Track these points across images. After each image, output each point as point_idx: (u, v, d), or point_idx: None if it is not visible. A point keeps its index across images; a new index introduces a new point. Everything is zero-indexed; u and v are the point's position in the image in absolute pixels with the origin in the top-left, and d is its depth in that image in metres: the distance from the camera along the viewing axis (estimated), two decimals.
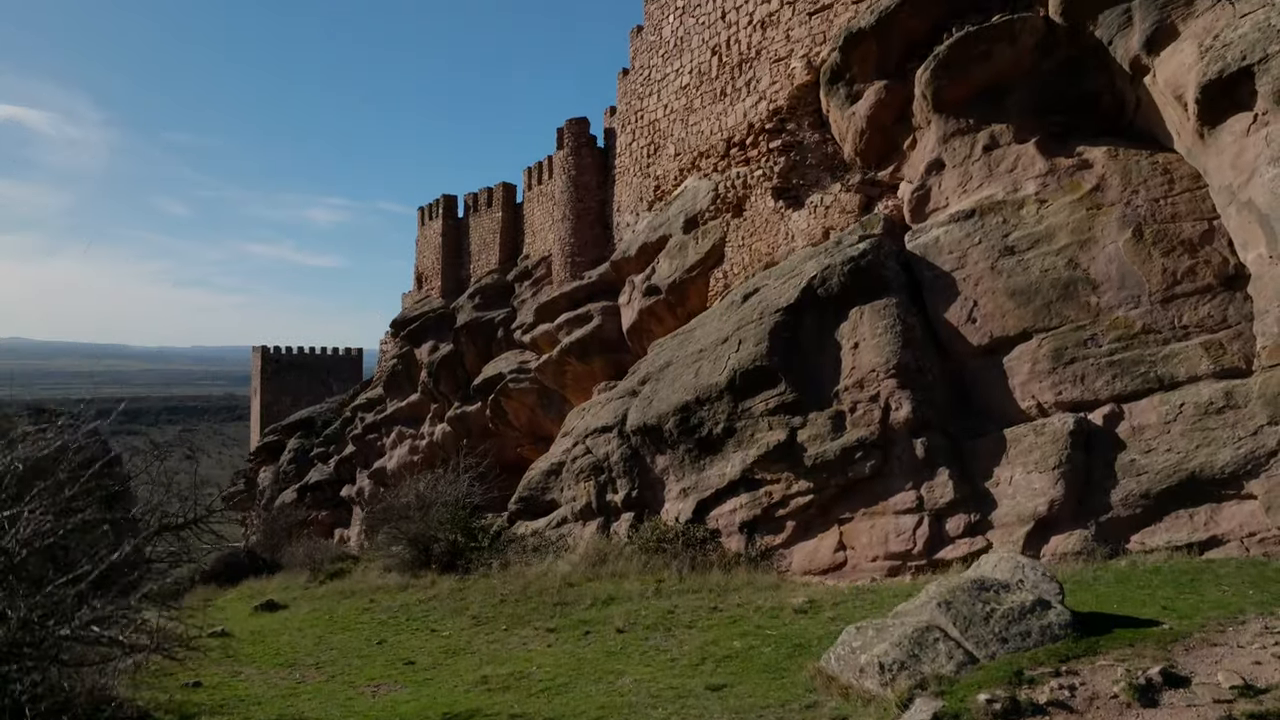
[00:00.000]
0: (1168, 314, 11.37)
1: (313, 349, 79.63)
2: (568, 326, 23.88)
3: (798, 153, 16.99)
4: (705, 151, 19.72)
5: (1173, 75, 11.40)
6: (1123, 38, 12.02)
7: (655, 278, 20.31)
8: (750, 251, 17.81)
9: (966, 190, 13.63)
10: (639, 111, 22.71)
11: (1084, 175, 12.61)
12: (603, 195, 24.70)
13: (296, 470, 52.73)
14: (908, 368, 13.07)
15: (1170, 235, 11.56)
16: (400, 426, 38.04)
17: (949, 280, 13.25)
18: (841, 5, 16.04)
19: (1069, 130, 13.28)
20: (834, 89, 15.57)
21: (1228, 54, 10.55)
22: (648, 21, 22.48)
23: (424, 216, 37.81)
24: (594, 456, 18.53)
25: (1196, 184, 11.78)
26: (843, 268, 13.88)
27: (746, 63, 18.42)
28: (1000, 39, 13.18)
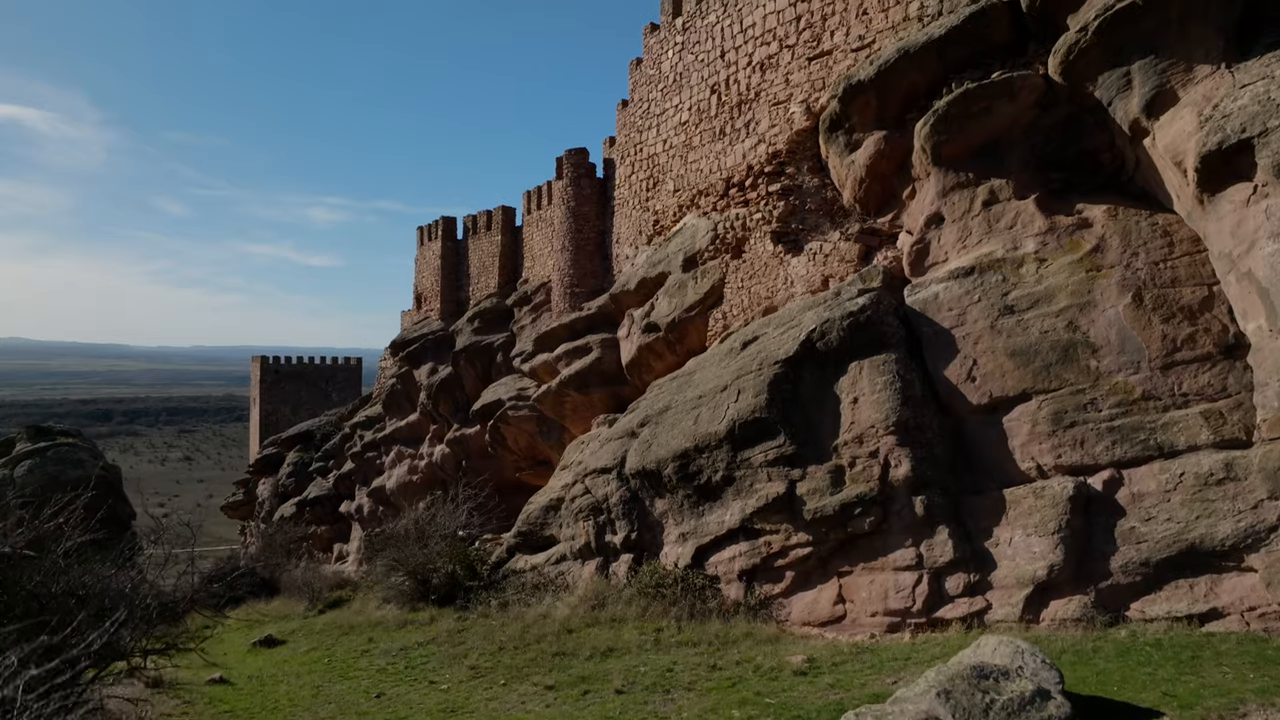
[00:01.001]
0: (1168, 381, 11.35)
1: (312, 359, 79.64)
2: (567, 358, 23.86)
3: (797, 197, 16.98)
4: (704, 190, 19.70)
5: (1172, 141, 11.38)
6: (1122, 100, 12.01)
7: (654, 315, 20.29)
8: (749, 294, 17.80)
9: (966, 246, 13.61)
10: (638, 145, 22.70)
11: (1084, 235, 12.60)
12: (602, 226, 24.69)
13: (295, 484, 52.75)
14: (907, 425, 13.05)
15: (1170, 301, 11.54)
16: (400, 446, 38.05)
17: (948, 337, 13.23)
18: (841, 53, 16.03)
19: (1069, 187, 13.27)
20: (833, 137, 15.56)
21: (1227, 125, 10.54)
22: (647, 55, 22.47)
23: (423, 236, 37.78)
24: (593, 497, 18.50)
25: (1196, 247, 11.76)
26: (842, 322, 13.86)
27: (746, 103, 18.40)
28: (1000, 96, 13.17)
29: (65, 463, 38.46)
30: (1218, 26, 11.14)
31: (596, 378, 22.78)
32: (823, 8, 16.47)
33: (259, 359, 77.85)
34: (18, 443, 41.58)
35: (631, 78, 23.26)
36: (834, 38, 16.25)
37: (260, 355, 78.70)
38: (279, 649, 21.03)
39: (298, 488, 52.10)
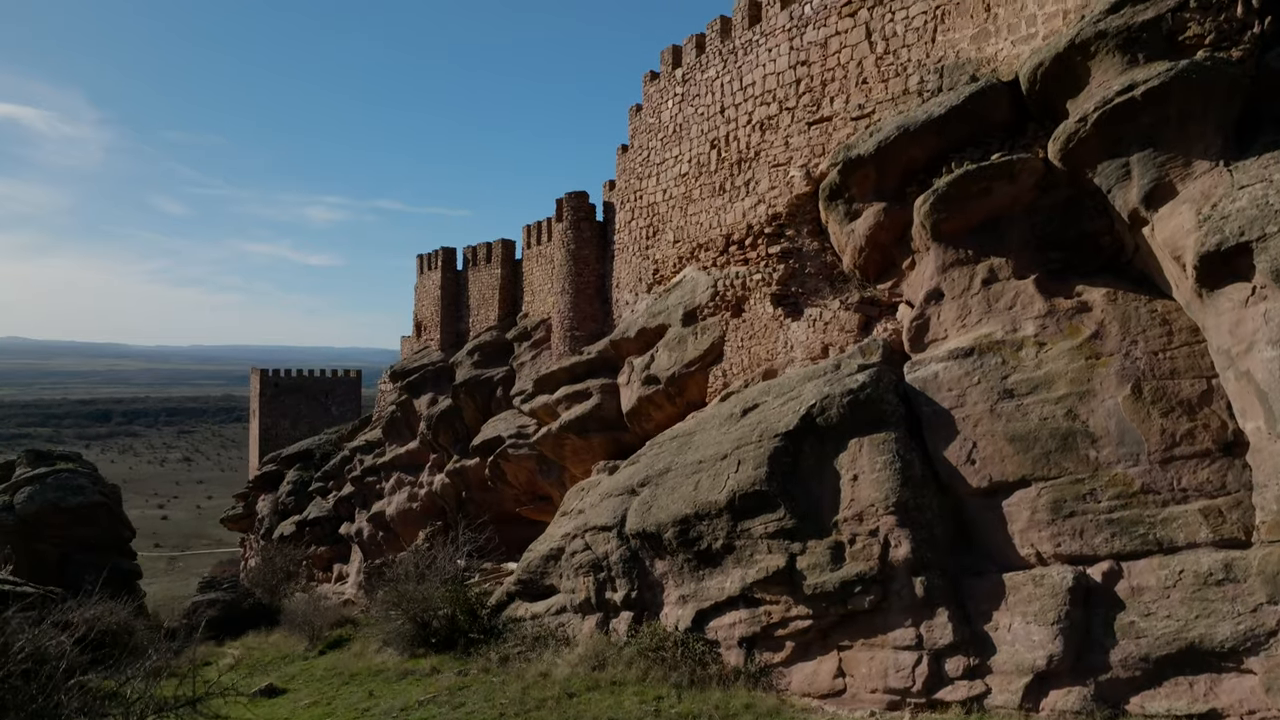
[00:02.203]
0: (1167, 475, 11.38)
1: (311, 371, 79.68)
2: (566, 402, 23.90)
3: (797, 260, 17.00)
4: (704, 244, 19.73)
5: (1171, 236, 11.42)
6: (1121, 189, 12.03)
7: (654, 368, 20.33)
8: (749, 355, 17.82)
9: (965, 325, 13.64)
10: (638, 192, 22.71)
11: (1083, 319, 12.63)
12: (602, 269, 24.72)
13: (295, 502, 52.85)
14: (906, 506, 13.08)
15: (1169, 394, 11.58)
16: (399, 473, 38.11)
17: (948, 418, 13.26)
18: (840, 120, 16.05)
19: (1068, 267, 13.30)
20: (833, 205, 15.59)
21: (1226, 227, 10.57)
22: (646, 103, 22.48)
23: (422, 265, 37.81)
24: (593, 554, 18.52)
25: (1195, 338, 11.80)
26: (842, 399, 13.89)
27: (745, 162, 18.42)
28: (999, 177, 13.20)
29: (65, 489, 38.46)
30: (1216, 125, 11.18)
31: (596, 424, 22.81)
32: (822, 73, 16.49)
33: (258, 371, 77.84)
34: (18, 467, 41.64)
35: (631, 124, 23.27)
36: (833, 104, 16.27)
37: (260, 368, 78.67)
38: (280, 700, 21.04)
39: (297, 506, 52.20)
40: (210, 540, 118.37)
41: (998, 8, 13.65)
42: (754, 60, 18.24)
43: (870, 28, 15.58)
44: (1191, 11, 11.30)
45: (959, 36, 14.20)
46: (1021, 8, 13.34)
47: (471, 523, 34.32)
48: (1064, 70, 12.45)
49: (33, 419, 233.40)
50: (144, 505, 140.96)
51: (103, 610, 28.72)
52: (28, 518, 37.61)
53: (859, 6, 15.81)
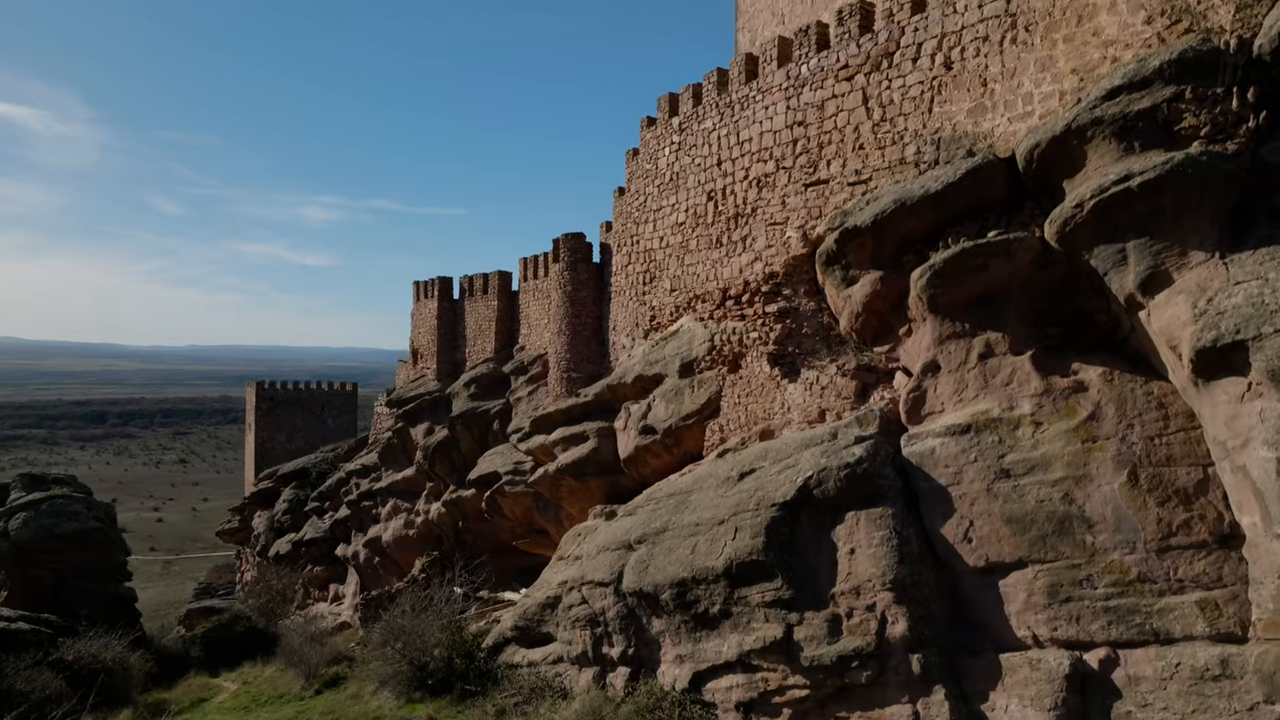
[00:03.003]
0: (1163, 564, 11.41)
1: (307, 384, 79.55)
2: (564, 444, 23.89)
3: (794, 320, 17.01)
4: (701, 295, 19.73)
5: (1166, 325, 11.44)
6: (1118, 274, 12.05)
7: (651, 418, 20.33)
8: (746, 412, 17.84)
9: (962, 399, 13.67)
10: (635, 237, 22.70)
11: (1080, 400, 12.65)
12: (599, 311, 24.71)
13: (291, 521, 52.81)
14: (904, 583, 13.10)
15: (1165, 482, 11.60)
16: (396, 499, 38.04)
17: (945, 495, 13.28)
18: (837, 184, 16.06)
19: (1065, 343, 13.32)
20: (830, 270, 15.59)
21: (1222, 323, 10.60)
22: (643, 149, 22.46)
23: (419, 292, 37.78)
24: (590, 608, 18.52)
25: (1191, 423, 11.82)
26: (839, 472, 13.90)
27: (742, 217, 18.42)
28: (996, 254, 13.21)
29: (60, 515, 38.40)
30: (1211, 217, 11.20)
31: (593, 468, 22.80)
32: (819, 135, 16.49)
33: (254, 385, 77.67)
34: (12, 490, 41.58)
35: (628, 167, 23.25)
36: (830, 168, 16.27)
37: (256, 381, 78.50)
38: None
39: (293, 525, 52.14)
40: (206, 544, 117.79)
41: (994, 84, 13.66)
42: (750, 116, 18.24)
43: (867, 94, 15.58)
44: (1187, 103, 11.32)
45: (956, 109, 14.20)
46: (1018, 85, 13.35)
47: (468, 553, 34.42)
48: (1060, 152, 12.47)
49: (27, 420, 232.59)
50: (139, 508, 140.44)
51: (98, 647, 28.73)
52: (23, 544, 37.57)
53: (855, 72, 15.81)
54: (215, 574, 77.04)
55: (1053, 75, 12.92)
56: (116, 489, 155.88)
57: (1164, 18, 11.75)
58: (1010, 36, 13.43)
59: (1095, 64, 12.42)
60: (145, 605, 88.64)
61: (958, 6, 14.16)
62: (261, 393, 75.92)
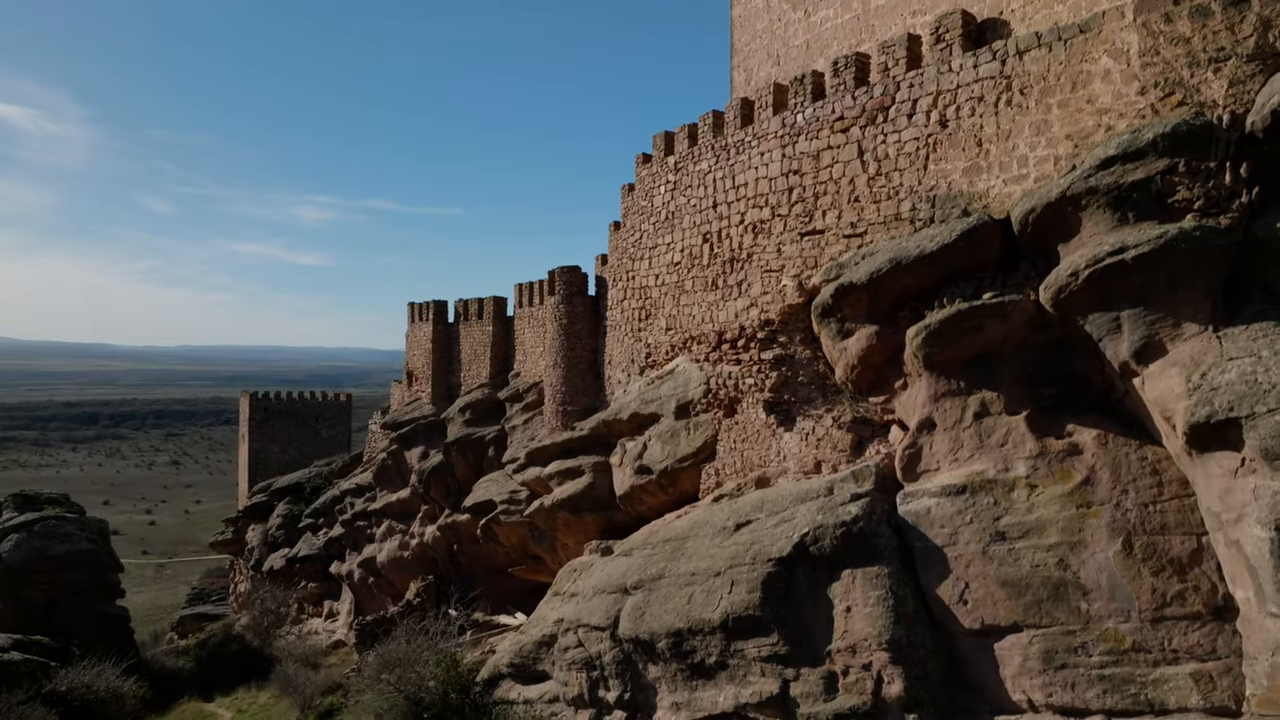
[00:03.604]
0: (1158, 634, 11.48)
1: (301, 394, 79.39)
2: (559, 478, 23.91)
3: (789, 368, 17.06)
4: (697, 337, 19.77)
5: (1160, 396, 11.50)
6: (1112, 341, 12.12)
7: (647, 458, 20.37)
8: (742, 458, 17.88)
9: (958, 459, 13.73)
10: (630, 273, 22.73)
11: (1074, 463, 12.72)
12: (594, 344, 24.73)
13: (285, 536, 52.75)
14: (900, 644, 13.16)
15: (1159, 551, 11.67)
16: (390, 521, 38.03)
17: (941, 555, 13.34)
18: (833, 235, 16.11)
19: (1060, 404, 13.38)
20: (825, 322, 15.64)
21: (1215, 399, 10.67)
22: (639, 185, 22.48)
23: (414, 314, 37.75)
24: (586, 651, 18.54)
25: (1184, 490, 11.89)
26: (835, 530, 13.96)
27: (738, 261, 18.46)
28: (992, 316, 13.27)
29: (52, 537, 38.32)
30: (1205, 290, 11.28)
31: (589, 503, 22.84)
32: (815, 185, 16.53)
33: (248, 395, 77.48)
34: (3, 511, 41.46)
35: (624, 202, 23.27)
36: (826, 218, 16.32)
37: (250, 391, 78.32)
38: None
39: (288, 540, 52.08)
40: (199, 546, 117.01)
41: (989, 144, 13.72)
42: (746, 161, 18.27)
43: (863, 147, 15.63)
44: (1181, 175, 11.39)
45: (951, 168, 14.26)
46: (1013, 148, 13.41)
47: (463, 575, 34.42)
48: (1055, 218, 12.54)
49: (18, 422, 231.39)
50: (131, 510, 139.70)
51: (91, 676, 28.66)
52: (15, 565, 37.50)
53: (851, 124, 15.86)
54: (208, 579, 76.72)
55: (1047, 140, 12.98)
56: (108, 491, 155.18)
57: (1157, 89, 11.82)
58: (1005, 99, 13.49)
59: (1090, 131, 12.49)
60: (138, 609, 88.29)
61: (953, 65, 14.21)
62: (255, 403, 75.72)
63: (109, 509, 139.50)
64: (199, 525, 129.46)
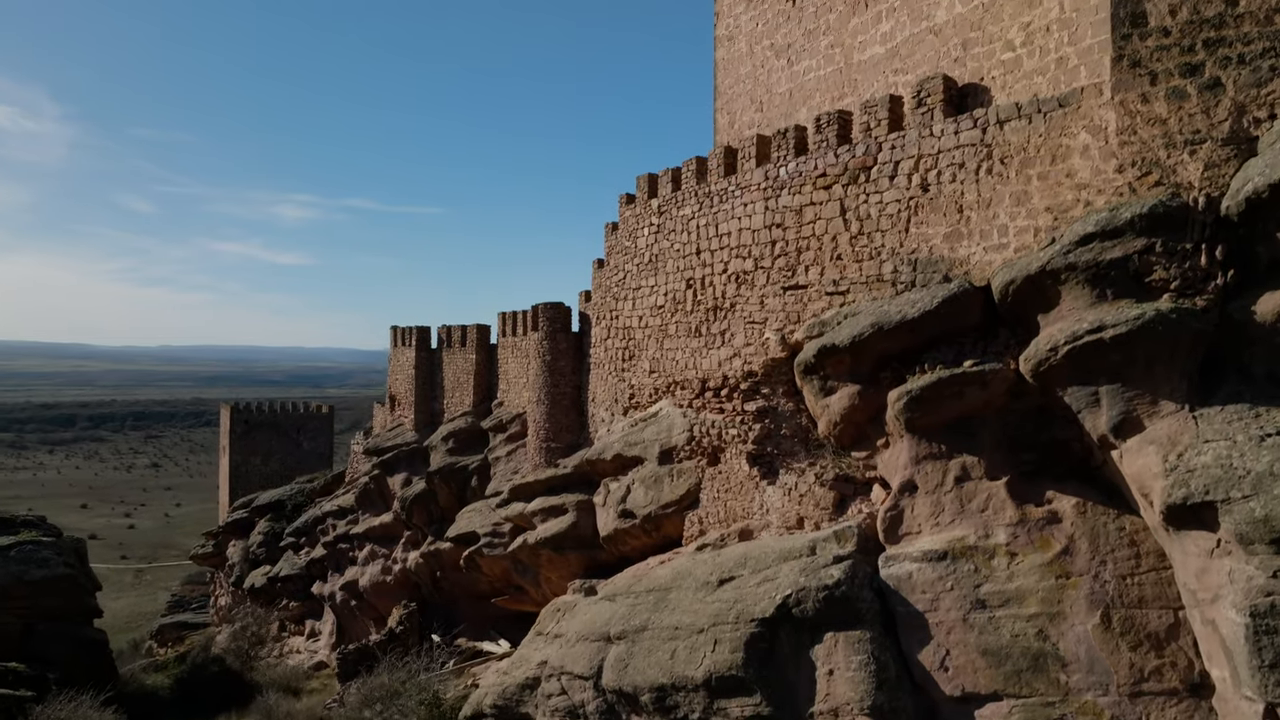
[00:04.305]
0: (1135, 709, 11.62)
1: (283, 406, 78.93)
2: (542, 515, 23.90)
3: (772, 420, 17.13)
4: (680, 382, 19.82)
5: (1138, 474, 11.64)
6: (1091, 414, 12.25)
7: (630, 502, 20.40)
8: (725, 508, 17.94)
9: (939, 523, 13.84)
10: (614, 312, 22.75)
11: (1054, 531, 12.86)
12: (577, 381, 24.73)
13: (267, 554, 52.43)
14: (881, 709, 13.24)
15: (1137, 625, 11.81)
16: (373, 544, 37.87)
17: (922, 621, 13.44)
18: (816, 291, 16.19)
19: (1039, 469, 13.52)
20: (808, 379, 15.72)
21: (1192, 482, 10.80)
22: (622, 225, 22.50)
23: (396, 338, 37.64)
24: (569, 700, 18.54)
25: (1161, 563, 12.05)
26: (818, 593, 14.04)
27: (721, 310, 18.52)
28: (972, 383, 13.39)
29: (29, 562, 37.76)
30: (1182, 370, 11.42)
31: (572, 542, 22.85)
32: (797, 240, 16.61)
33: (229, 408, 76.99)
34: None
35: (607, 241, 23.29)
36: (809, 274, 16.40)
37: (230, 403, 77.84)
38: None
39: (269, 557, 51.77)
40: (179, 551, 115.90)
41: (970, 211, 13.83)
42: (729, 210, 18.34)
43: (845, 206, 15.72)
44: (1158, 255, 11.53)
45: (932, 232, 14.37)
46: (993, 216, 13.53)
47: (446, 601, 34.32)
48: (1035, 290, 12.67)
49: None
50: (110, 514, 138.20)
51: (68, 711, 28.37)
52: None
53: (833, 182, 15.94)
54: (188, 587, 76.07)
55: (1027, 210, 13.10)
56: (87, 494, 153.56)
57: (1135, 168, 11.96)
58: (986, 167, 13.61)
59: (1069, 205, 12.62)
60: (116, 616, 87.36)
61: (934, 130, 14.32)
62: (236, 415, 75.24)
63: (87, 513, 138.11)
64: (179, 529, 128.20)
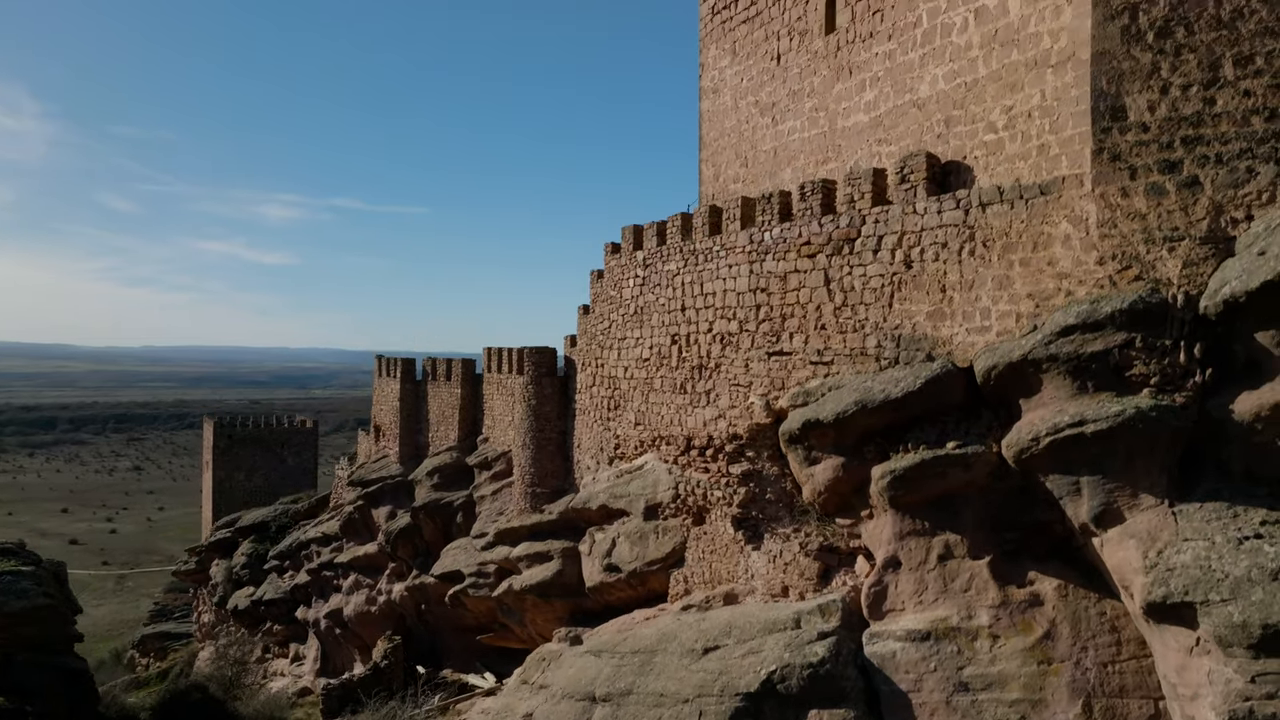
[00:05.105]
0: None
1: (268, 422, 78.46)
2: (528, 560, 23.90)
3: (757, 484, 17.19)
4: (665, 437, 19.85)
5: (1118, 566, 11.75)
6: (1072, 501, 12.36)
7: (615, 557, 20.43)
8: (710, 570, 18.00)
9: (923, 602, 13.92)
10: (599, 360, 22.76)
11: (1036, 615, 12.96)
12: (563, 426, 24.73)
13: (250, 575, 52.11)
14: None
15: (1118, 715, 11.94)
16: (358, 574, 37.74)
17: (906, 700, 13.50)
18: (800, 359, 16.25)
19: (1021, 549, 13.61)
20: (793, 448, 15.78)
21: (1171, 581, 10.91)
22: (608, 274, 22.51)
23: (381, 368, 37.53)
24: None
25: (1142, 650, 12.18)
26: (802, 671, 14.10)
27: (706, 369, 18.56)
28: (955, 465, 13.47)
29: (7, 593, 37.05)
30: (1161, 466, 11.53)
31: (558, 590, 22.85)
32: (782, 306, 16.67)
33: (212, 422, 76.50)
34: None
35: (593, 289, 23.30)
36: (793, 340, 16.46)
37: (214, 417, 77.41)
38: None
39: (253, 579, 51.47)
40: (162, 556, 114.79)
41: (953, 291, 13.92)
42: (714, 270, 18.38)
43: (829, 276, 15.79)
44: (1137, 350, 11.64)
45: (915, 309, 14.45)
46: (976, 298, 13.62)
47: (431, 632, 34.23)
48: (1017, 376, 12.76)
49: None
50: (91, 518, 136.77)
51: None
52: None
53: (817, 250, 16.01)
54: (171, 595, 75.43)
55: (1009, 295, 13.20)
56: (68, 498, 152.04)
57: (1115, 261, 12.07)
58: (969, 248, 13.70)
59: (1050, 293, 12.72)
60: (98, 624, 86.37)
61: (918, 208, 14.40)
62: (219, 430, 74.78)
63: (68, 517, 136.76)
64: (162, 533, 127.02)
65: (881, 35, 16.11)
